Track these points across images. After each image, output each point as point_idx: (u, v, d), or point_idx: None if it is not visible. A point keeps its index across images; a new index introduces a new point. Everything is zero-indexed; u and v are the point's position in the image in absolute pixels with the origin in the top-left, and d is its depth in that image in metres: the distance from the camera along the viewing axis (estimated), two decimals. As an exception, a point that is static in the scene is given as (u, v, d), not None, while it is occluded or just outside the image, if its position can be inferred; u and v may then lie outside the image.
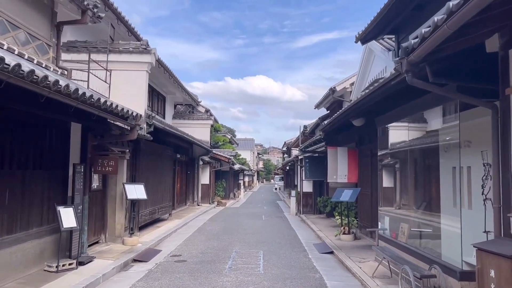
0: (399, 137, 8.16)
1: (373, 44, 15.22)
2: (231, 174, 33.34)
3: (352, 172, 12.63)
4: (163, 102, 21.47)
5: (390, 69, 13.82)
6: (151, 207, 13.41)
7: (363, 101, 7.93)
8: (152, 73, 17.16)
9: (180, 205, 20.89)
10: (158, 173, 14.29)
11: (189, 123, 23.65)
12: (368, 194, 11.67)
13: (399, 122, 7.98)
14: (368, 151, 11.73)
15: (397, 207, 8.01)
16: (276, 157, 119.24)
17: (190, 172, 22.65)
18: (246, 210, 22.31)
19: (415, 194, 7.28)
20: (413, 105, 7.06)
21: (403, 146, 7.78)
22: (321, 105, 23.71)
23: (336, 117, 10.72)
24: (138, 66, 11.00)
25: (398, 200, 7.99)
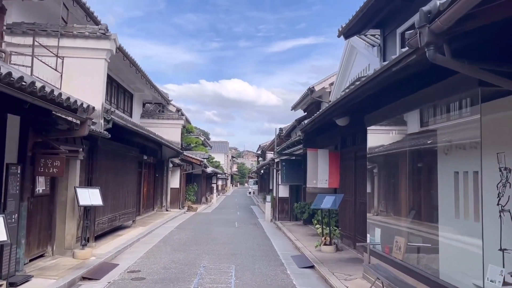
0: (390, 138, 7.15)
1: (355, 41, 14.33)
2: (203, 178, 31.98)
3: (333, 177, 11.61)
4: (130, 99, 20.04)
5: (373, 66, 12.87)
6: (111, 214, 12.01)
7: (353, 95, 6.87)
8: (116, 66, 15.78)
9: (147, 211, 19.45)
10: (120, 176, 12.89)
11: (158, 123, 22.25)
12: (351, 201, 10.66)
13: (392, 120, 6.96)
14: (351, 154, 10.74)
15: (388, 217, 6.97)
16: (250, 160, 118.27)
17: (159, 175, 21.22)
18: (218, 216, 21.05)
19: (409, 202, 6.27)
20: (412, 99, 6.04)
21: (395, 148, 6.76)
22: (298, 107, 22.75)
23: (319, 116, 9.67)
24: (96, 54, 9.67)
25: (390, 208, 6.96)
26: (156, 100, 22.64)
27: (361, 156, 10.04)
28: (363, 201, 9.82)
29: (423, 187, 5.86)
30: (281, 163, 17.60)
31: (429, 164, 5.61)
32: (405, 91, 6.03)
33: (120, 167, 12.89)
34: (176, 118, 22.69)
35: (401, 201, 6.56)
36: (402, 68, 4.71)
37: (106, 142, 11.25)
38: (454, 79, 4.67)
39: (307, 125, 10.88)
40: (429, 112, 5.74)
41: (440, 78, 4.96)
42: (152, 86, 19.22)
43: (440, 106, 5.40)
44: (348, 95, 7.14)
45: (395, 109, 6.69)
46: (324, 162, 11.64)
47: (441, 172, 5.15)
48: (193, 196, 26.66)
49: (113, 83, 17.30)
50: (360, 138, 10.06)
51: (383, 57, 11.82)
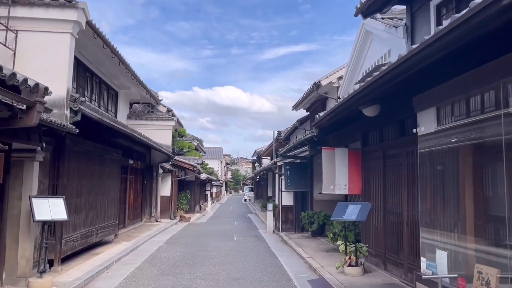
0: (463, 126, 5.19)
1: (371, 24, 12.44)
2: (197, 185, 29.87)
3: (354, 181, 9.63)
4: (114, 98, 18.00)
5: (396, 52, 10.94)
6: (85, 228, 9.92)
7: (398, 69, 4.95)
8: (96, 56, 13.67)
9: (134, 222, 17.32)
10: (98, 182, 10.81)
11: (147, 124, 20.22)
12: (379, 211, 8.68)
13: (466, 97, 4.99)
14: (377, 153, 8.78)
15: (459, 235, 4.97)
16: (244, 167, 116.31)
17: (147, 181, 19.11)
18: (214, 227, 18.94)
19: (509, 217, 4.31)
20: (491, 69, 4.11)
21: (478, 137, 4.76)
22: (300, 105, 20.80)
23: (341, 105, 7.71)
24: (59, 26, 7.66)
25: (460, 224, 4.95)
26: (145, 100, 20.60)
27: (393, 155, 8.09)
28: (397, 211, 7.86)
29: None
30: (284, 167, 15.60)
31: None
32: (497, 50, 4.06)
33: (98, 172, 10.81)
34: (167, 119, 20.65)
35: (485, 215, 4.58)
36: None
37: (78, 140, 9.19)
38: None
39: (324, 118, 8.92)
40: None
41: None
42: (139, 83, 17.18)
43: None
44: (391, 70, 5.21)
45: (462, 86, 4.73)
46: (343, 164, 9.67)
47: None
48: (186, 205, 24.53)
49: (94, 78, 15.27)
50: (393, 132, 8.11)
51: (411, 37, 9.92)
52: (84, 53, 13.34)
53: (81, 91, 13.85)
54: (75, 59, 13.22)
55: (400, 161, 7.74)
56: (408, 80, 5.43)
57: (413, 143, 7.16)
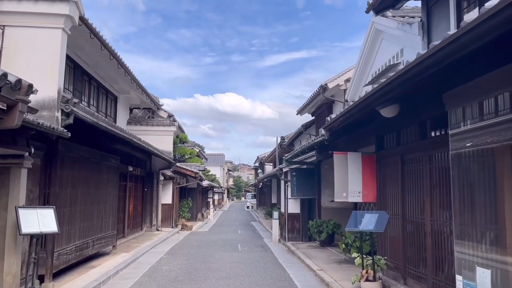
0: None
1: (382, 22, 11.83)
2: (199, 192, 29.20)
3: (368, 188, 8.97)
4: (114, 102, 17.42)
5: (410, 51, 10.32)
6: (80, 240, 9.27)
7: (430, 60, 4.32)
8: (93, 58, 13.04)
9: (134, 231, 16.65)
10: (94, 191, 10.18)
11: (148, 130, 19.63)
12: (397, 220, 8.01)
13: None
14: (395, 157, 8.12)
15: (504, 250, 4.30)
16: (246, 174, 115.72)
17: (148, 189, 18.46)
18: (217, 236, 18.25)
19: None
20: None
21: None
22: (305, 110, 20.19)
23: (356, 105, 7.08)
24: (49, 21, 7.07)
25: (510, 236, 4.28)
26: (145, 105, 20.04)
27: (413, 159, 7.43)
28: (419, 220, 7.19)
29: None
30: (290, 173, 14.94)
31: None
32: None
33: (94, 180, 10.18)
34: (168, 124, 20.04)
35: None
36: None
37: (72, 146, 8.57)
38: None
39: (336, 120, 8.27)
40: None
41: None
42: (138, 86, 16.61)
43: None
44: (420, 63, 4.59)
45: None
46: (356, 169, 9.01)
47: None
48: (188, 213, 23.84)
49: (92, 81, 14.70)
50: (413, 134, 7.46)
51: (428, 34, 9.30)
52: (81, 55, 12.78)
53: (78, 95, 13.26)
54: (72, 62, 12.68)
55: (422, 166, 7.09)
56: (440, 74, 4.80)
57: (437, 145, 6.54)
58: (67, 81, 12.51)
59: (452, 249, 6.25)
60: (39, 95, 6.59)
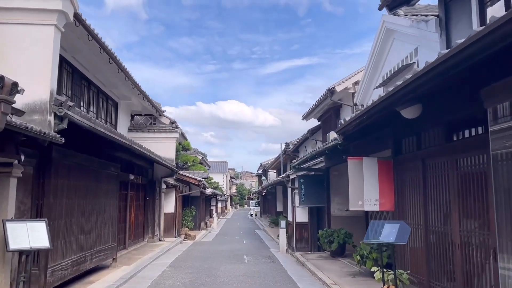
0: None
1: (394, 21, 11.28)
2: (202, 200, 28.57)
3: (386, 196, 8.35)
4: (114, 108, 16.89)
5: (425, 50, 9.76)
6: (77, 254, 8.66)
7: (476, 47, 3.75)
8: (92, 61, 12.50)
9: (136, 242, 16.03)
10: (92, 201, 9.59)
11: (149, 137, 19.08)
12: (420, 230, 7.39)
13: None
14: (415, 162, 7.52)
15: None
16: (249, 181, 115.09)
17: (150, 198, 17.86)
18: (221, 246, 17.59)
19: None
20: None
21: None
22: (311, 115, 19.60)
23: (375, 105, 6.48)
24: (41, 17, 6.53)
25: None
26: (147, 111, 19.51)
27: (437, 164, 6.82)
28: (444, 230, 6.58)
29: None
30: (298, 181, 14.32)
31: None
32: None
33: (93, 189, 9.60)
34: (170, 131, 19.49)
35: None
36: None
37: (68, 153, 8.01)
38: None
39: (351, 122, 7.67)
40: None
41: None
42: (140, 92, 16.08)
43: None
44: (456, 55, 4.05)
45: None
46: (372, 176, 8.40)
47: None
48: (191, 222, 23.20)
49: (92, 87, 14.18)
50: (437, 137, 6.85)
51: (446, 30, 8.74)
52: (79, 59, 12.26)
53: (76, 101, 12.73)
54: (70, 66, 12.15)
55: (447, 172, 6.49)
56: (480, 66, 4.23)
57: (466, 148, 5.95)
58: (65, 86, 11.99)
59: (484, 262, 5.65)
60: (30, 98, 6.05)
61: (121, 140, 9.47)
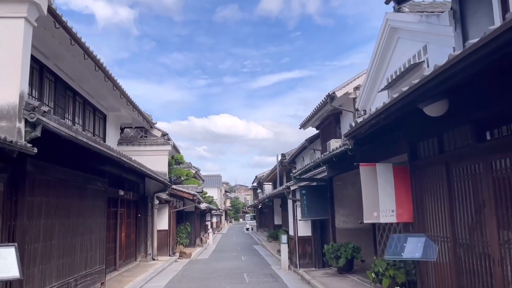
0: None
1: (399, 17, 10.61)
2: (196, 215, 27.51)
3: (403, 205, 7.52)
4: (102, 121, 16.01)
5: (436, 47, 9.05)
6: (58, 281, 7.68)
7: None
8: (77, 70, 11.68)
9: (127, 262, 14.99)
10: (77, 220, 8.65)
11: (140, 150, 18.18)
12: (445, 243, 6.55)
13: None
14: (437, 166, 6.70)
15: None
16: (243, 194, 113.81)
17: (142, 214, 16.86)
18: (219, 264, 16.59)
19: None
20: None
21: None
22: (309, 123, 18.83)
23: (395, 103, 5.67)
24: (9, 9, 5.68)
25: None
26: (137, 123, 18.63)
27: (465, 168, 6.01)
28: (478, 243, 5.73)
29: None
30: (300, 192, 13.46)
31: None
32: None
33: (76, 207, 8.66)
34: (162, 143, 18.59)
35: None
36: None
37: (46, 166, 7.10)
38: None
39: (364, 124, 6.85)
40: None
41: None
42: (129, 103, 15.23)
43: None
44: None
45: None
46: (387, 184, 7.58)
47: None
48: (186, 239, 22.15)
49: (77, 97, 13.31)
50: (465, 137, 6.05)
51: (462, 23, 8.03)
52: (62, 67, 11.42)
53: (60, 112, 11.86)
54: (52, 74, 11.28)
55: (480, 176, 5.67)
56: None
57: (504, 148, 5.15)
58: (47, 96, 11.12)
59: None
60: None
61: (108, 152, 8.57)
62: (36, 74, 10.39)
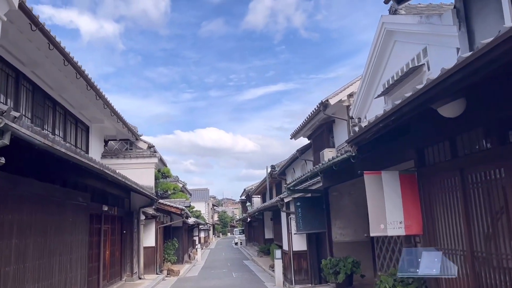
0: None
1: (397, 19, 10.23)
2: (184, 230, 26.63)
3: (412, 216, 6.95)
4: (85, 133, 15.26)
5: (437, 48, 8.61)
6: (33, 308, 6.89)
7: None
8: (57, 78, 10.76)
9: (112, 282, 14.11)
10: (54, 239, 7.88)
11: (126, 164, 17.43)
12: (461, 256, 5.99)
13: None
14: (450, 172, 6.16)
15: None
16: (231, 208, 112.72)
17: (127, 231, 16.02)
18: (209, 282, 15.79)
19: None
20: None
21: None
22: (300, 133, 18.31)
23: (408, 103, 5.14)
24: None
25: None
26: (122, 136, 17.89)
27: (483, 174, 5.49)
28: (502, 257, 5.18)
29: None
30: (294, 204, 12.84)
31: None
32: None
33: (54, 224, 7.91)
34: (148, 155, 17.86)
35: None
36: None
37: (19, 180, 6.37)
38: None
39: (371, 128, 6.29)
40: None
41: None
42: (113, 113, 14.54)
43: None
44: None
45: None
46: (394, 193, 7.01)
47: None
48: (174, 256, 21.26)
49: (58, 108, 12.58)
50: (485, 138, 5.54)
51: (467, 22, 7.60)
52: (40, 74, 10.71)
53: (39, 123, 11.10)
54: (29, 83, 10.55)
55: (502, 182, 5.15)
56: None
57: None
58: (23, 106, 10.40)
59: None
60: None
61: (89, 164, 7.86)
62: (12, 82, 9.69)
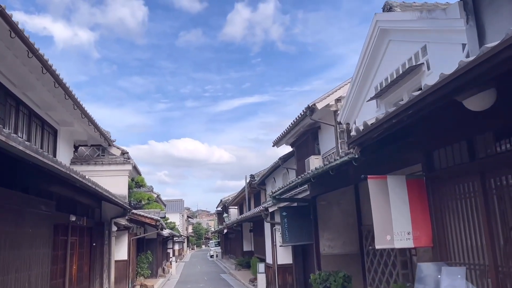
0: None
1: (392, 16, 9.66)
2: (159, 243, 25.37)
3: (420, 226, 6.21)
4: (53, 136, 14.07)
5: (437, 46, 8.01)
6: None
7: None
8: (21, 73, 9.54)
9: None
10: (10, 253, 6.78)
11: (97, 170, 16.22)
12: (480, 271, 5.27)
13: None
14: (468, 177, 5.47)
15: None
16: (206, 220, 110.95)
17: (97, 243, 14.77)
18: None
19: None
20: None
21: None
22: (283, 140, 17.58)
23: (430, 93, 4.42)
24: None
25: None
26: (94, 141, 16.69)
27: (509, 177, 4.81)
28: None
29: None
30: (280, 214, 12.01)
31: None
32: None
33: (10, 236, 6.80)
34: (121, 162, 16.71)
35: None
36: None
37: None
38: None
39: (381, 124, 5.53)
40: None
41: None
42: (84, 115, 13.41)
43: None
44: None
45: None
46: (400, 200, 6.27)
47: None
48: (147, 270, 20.00)
49: (21, 107, 11.43)
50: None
51: (476, 14, 7.02)
52: (1, 68, 9.59)
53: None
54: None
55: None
56: None
57: None
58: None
59: None
60: None
61: (53, 165, 6.83)
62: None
